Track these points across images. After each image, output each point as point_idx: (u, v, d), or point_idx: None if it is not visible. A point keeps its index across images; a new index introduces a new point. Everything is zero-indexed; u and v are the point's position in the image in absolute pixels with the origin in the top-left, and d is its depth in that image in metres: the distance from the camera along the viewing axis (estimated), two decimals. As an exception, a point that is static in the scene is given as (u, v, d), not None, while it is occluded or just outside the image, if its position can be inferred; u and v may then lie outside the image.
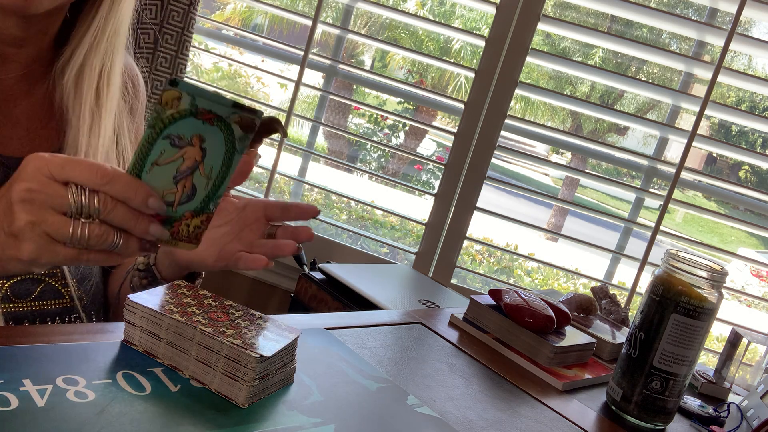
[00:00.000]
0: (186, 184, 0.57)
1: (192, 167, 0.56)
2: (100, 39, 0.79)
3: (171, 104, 0.52)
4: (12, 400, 0.51)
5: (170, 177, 0.56)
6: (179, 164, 0.55)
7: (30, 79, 0.79)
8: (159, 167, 0.55)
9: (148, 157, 0.54)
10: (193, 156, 0.55)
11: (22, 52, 0.78)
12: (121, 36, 0.82)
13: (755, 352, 1.10)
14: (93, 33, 0.78)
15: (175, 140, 0.54)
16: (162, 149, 0.54)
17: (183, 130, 0.54)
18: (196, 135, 0.54)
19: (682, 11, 7.39)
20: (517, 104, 8.62)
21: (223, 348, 0.59)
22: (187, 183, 0.57)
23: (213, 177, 0.57)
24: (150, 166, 0.54)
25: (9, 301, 0.74)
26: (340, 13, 1.91)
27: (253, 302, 1.90)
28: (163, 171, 0.55)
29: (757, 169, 10.59)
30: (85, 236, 0.54)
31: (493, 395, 0.78)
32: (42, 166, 0.53)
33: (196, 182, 0.57)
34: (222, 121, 0.55)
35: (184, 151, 0.55)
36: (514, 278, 5.56)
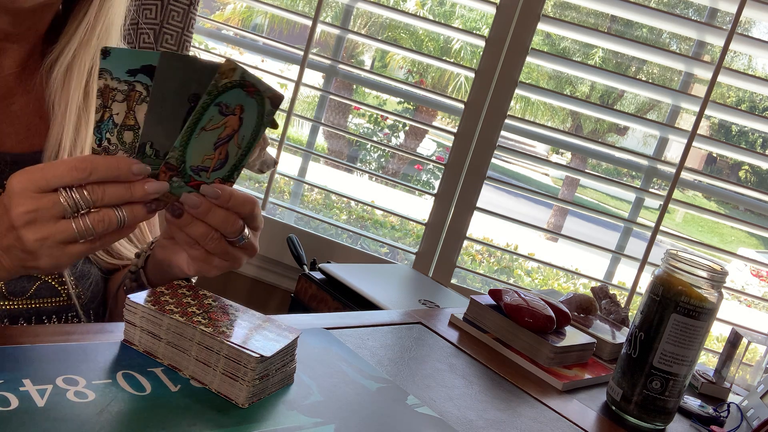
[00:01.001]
0: (222, 152, 0.61)
1: (230, 135, 0.60)
2: (90, 36, 0.78)
3: (227, 74, 0.56)
4: (12, 400, 0.51)
5: (212, 143, 0.60)
6: (221, 132, 0.59)
7: (26, 75, 0.80)
8: (206, 132, 0.59)
9: (199, 122, 0.58)
10: (233, 125, 0.60)
11: (15, 48, 0.78)
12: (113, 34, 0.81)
13: (755, 352, 1.10)
14: (83, 30, 0.78)
15: (223, 108, 0.58)
16: (211, 115, 0.58)
17: (230, 99, 0.58)
18: (238, 105, 0.59)
19: (682, 11, 7.39)
20: (517, 104, 8.62)
21: (223, 348, 0.59)
22: (223, 150, 0.61)
23: (242, 147, 0.62)
24: (199, 130, 0.58)
25: (4, 299, 0.74)
26: (340, 13, 1.91)
27: (253, 302, 1.90)
28: (208, 136, 0.59)
29: (757, 169, 10.59)
30: (90, 227, 0.57)
31: (493, 395, 0.78)
32: (27, 184, 0.56)
33: (230, 150, 0.61)
34: (259, 94, 0.59)
35: (227, 119, 0.59)
36: (514, 278, 5.56)
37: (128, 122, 0.59)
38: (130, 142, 0.59)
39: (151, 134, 0.59)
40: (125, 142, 0.59)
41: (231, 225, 0.64)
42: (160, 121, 0.59)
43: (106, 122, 0.58)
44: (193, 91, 0.58)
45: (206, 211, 0.62)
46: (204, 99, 0.57)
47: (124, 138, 0.59)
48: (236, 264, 0.68)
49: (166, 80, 0.57)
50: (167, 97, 0.58)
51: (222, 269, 0.68)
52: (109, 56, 0.56)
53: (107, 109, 0.58)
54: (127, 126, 0.59)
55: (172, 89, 0.58)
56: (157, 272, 0.75)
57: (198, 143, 0.59)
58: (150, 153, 0.59)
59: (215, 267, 0.67)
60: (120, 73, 0.57)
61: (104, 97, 0.57)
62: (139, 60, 0.57)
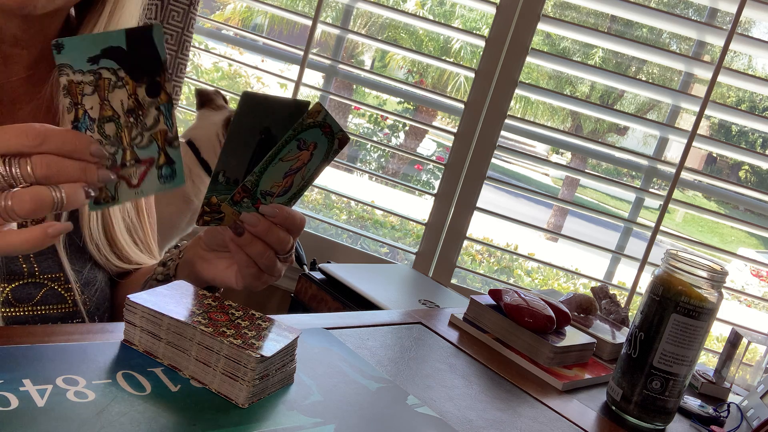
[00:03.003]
0: (288, 181, 0.65)
1: (299, 168, 0.65)
2: None
3: (313, 116, 0.62)
4: (12, 400, 0.51)
5: (283, 172, 0.64)
6: (293, 163, 0.64)
7: (34, 81, 0.79)
8: (282, 163, 0.63)
9: (279, 153, 0.62)
10: (304, 159, 0.64)
11: (24, 54, 0.77)
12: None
13: (755, 352, 1.10)
14: None
15: (302, 144, 0.63)
16: (290, 149, 0.63)
17: (309, 136, 0.63)
18: (313, 142, 0.64)
19: (682, 11, 7.39)
20: (517, 104, 8.62)
21: (223, 348, 0.59)
22: (290, 180, 0.65)
23: (305, 178, 0.67)
24: (278, 161, 0.63)
25: (10, 305, 0.73)
26: (340, 13, 1.91)
27: (253, 302, 1.90)
28: (282, 166, 0.63)
29: (757, 169, 10.59)
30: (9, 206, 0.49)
31: (493, 395, 0.78)
32: None
33: (295, 180, 0.66)
34: (332, 134, 0.64)
35: (301, 153, 0.64)
36: (514, 278, 5.56)
37: (105, 113, 0.55)
38: (114, 134, 0.55)
39: (224, 164, 0.63)
40: (108, 135, 0.55)
41: (285, 243, 0.67)
42: (234, 153, 0.62)
43: (83, 120, 0.54)
44: (265, 125, 0.63)
45: (265, 230, 0.65)
46: (289, 134, 0.61)
47: (106, 131, 0.55)
48: (278, 277, 0.71)
49: (245, 118, 0.61)
50: (242, 133, 0.62)
51: (267, 284, 0.72)
52: (63, 49, 0.51)
53: (79, 106, 0.53)
54: (105, 118, 0.55)
55: (249, 125, 0.62)
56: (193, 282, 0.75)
57: (272, 171, 0.63)
58: (222, 180, 0.63)
59: (263, 282, 0.71)
60: (81, 65, 0.52)
61: (72, 93, 0.53)
62: (98, 45, 0.53)
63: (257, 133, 0.63)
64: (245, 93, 0.59)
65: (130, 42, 0.54)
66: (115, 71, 0.54)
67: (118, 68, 0.54)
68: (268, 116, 0.62)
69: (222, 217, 0.64)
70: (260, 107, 0.61)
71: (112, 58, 0.53)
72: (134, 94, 0.55)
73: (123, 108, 0.55)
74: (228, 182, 0.63)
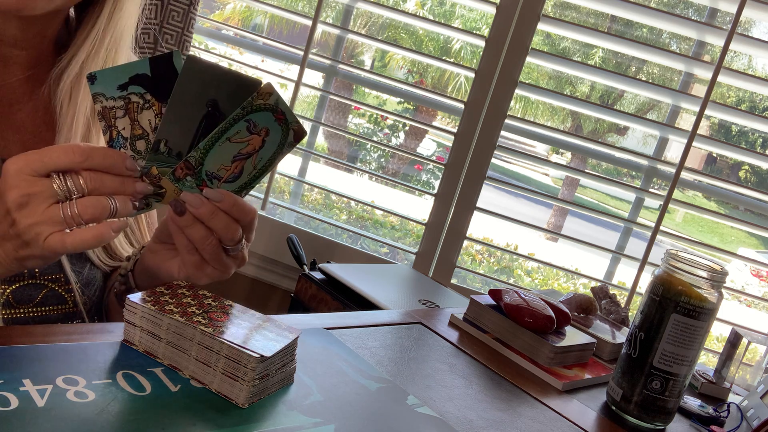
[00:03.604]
0: (238, 166, 0.64)
1: (249, 153, 0.63)
2: (99, 48, 0.78)
3: (263, 96, 0.61)
4: (12, 400, 0.51)
5: (231, 155, 0.63)
6: (242, 147, 0.63)
7: (33, 82, 0.79)
8: (230, 143, 0.62)
9: (226, 132, 0.61)
10: (255, 145, 0.63)
11: (23, 54, 0.77)
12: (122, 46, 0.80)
13: (755, 352, 1.10)
14: (91, 42, 0.77)
15: (251, 126, 0.62)
16: (238, 129, 0.61)
17: (259, 120, 0.62)
18: (265, 128, 0.62)
19: (682, 11, 7.39)
20: (517, 104, 8.62)
21: (223, 348, 0.59)
22: (239, 165, 0.64)
23: (257, 168, 0.65)
24: (224, 139, 0.61)
25: (11, 307, 0.73)
26: (340, 13, 1.91)
27: (253, 302, 1.90)
28: (230, 148, 0.62)
29: (757, 169, 10.59)
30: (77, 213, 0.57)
31: (493, 395, 0.78)
32: (23, 167, 0.56)
33: (245, 168, 0.64)
34: (286, 123, 0.63)
35: (252, 137, 0.62)
36: (514, 278, 5.56)
37: (136, 132, 0.62)
38: (144, 149, 0.62)
39: (166, 133, 0.61)
40: (139, 150, 0.62)
41: (231, 232, 0.65)
42: (176, 120, 0.61)
43: (116, 140, 0.61)
44: (211, 96, 0.61)
45: (209, 213, 0.63)
46: (237, 112, 0.60)
47: (138, 147, 0.62)
48: (226, 273, 0.69)
49: (188, 83, 0.60)
50: (186, 100, 0.60)
51: (212, 278, 0.69)
52: (96, 80, 0.59)
53: (113, 128, 0.61)
54: (136, 136, 0.62)
55: (193, 92, 0.60)
56: (145, 277, 0.75)
57: (219, 151, 0.62)
58: (164, 150, 0.62)
59: (206, 275, 0.68)
60: (112, 92, 0.60)
61: (106, 118, 0.60)
62: (125, 74, 0.60)
63: (203, 105, 0.61)
64: (189, 55, 0.59)
65: (154, 68, 0.60)
66: (142, 95, 0.61)
67: (145, 92, 0.61)
68: (214, 87, 0.61)
69: (162, 193, 0.63)
70: (205, 74, 0.60)
71: (139, 84, 0.60)
72: (160, 113, 0.61)
73: (151, 126, 0.62)
74: (170, 153, 0.62)
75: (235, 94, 0.61)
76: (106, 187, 0.58)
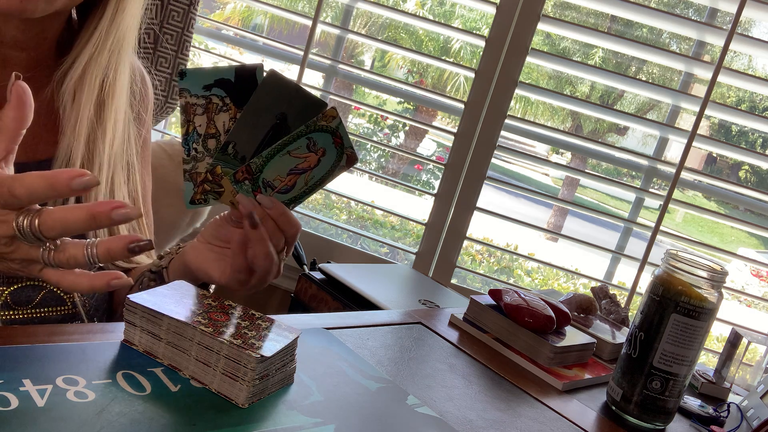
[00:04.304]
0: (292, 180, 0.68)
1: (304, 169, 0.68)
2: (101, 50, 0.77)
3: (327, 119, 0.65)
4: (12, 400, 0.51)
5: (288, 168, 0.67)
6: (299, 162, 0.67)
7: (34, 83, 0.78)
8: (289, 157, 0.66)
9: (288, 145, 0.65)
10: (311, 162, 0.67)
11: (23, 56, 0.77)
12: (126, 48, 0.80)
13: (755, 352, 1.10)
14: (93, 44, 0.77)
15: (311, 144, 0.66)
16: (299, 145, 0.66)
17: (319, 140, 0.66)
18: (322, 148, 0.67)
19: (682, 11, 7.39)
20: (517, 104, 8.62)
21: (223, 348, 0.59)
22: (293, 179, 0.68)
23: (308, 185, 0.69)
24: (285, 152, 0.66)
25: (9, 309, 0.73)
26: (340, 13, 1.91)
27: (253, 302, 1.90)
28: (288, 161, 0.66)
29: (757, 169, 10.59)
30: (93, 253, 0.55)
31: (493, 395, 0.78)
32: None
33: (298, 182, 0.69)
34: (342, 147, 0.67)
35: (309, 155, 0.67)
36: (514, 278, 5.56)
37: (210, 131, 0.66)
38: (214, 148, 0.66)
39: (236, 136, 0.65)
40: (210, 149, 0.66)
41: (275, 239, 0.68)
42: (247, 127, 0.65)
43: (192, 134, 0.65)
44: (282, 110, 0.65)
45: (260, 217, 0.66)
46: (301, 128, 0.65)
47: (208, 145, 0.66)
48: (263, 282, 0.71)
49: (265, 95, 0.65)
50: (260, 109, 0.65)
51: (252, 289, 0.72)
52: (185, 77, 0.64)
53: (191, 123, 0.65)
54: (209, 134, 0.66)
55: (267, 103, 0.65)
56: (181, 274, 0.76)
57: (279, 162, 0.66)
58: (231, 152, 0.66)
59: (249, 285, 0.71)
60: (197, 90, 0.64)
61: (187, 113, 0.64)
62: (212, 76, 0.64)
63: (273, 116, 0.65)
64: (272, 70, 0.63)
65: (238, 76, 0.65)
66: (222, 98, 0.65)
67: (225, 96, 0.65)
68: (287, 102, 0.65)
69: (221, 192, 0.67)
70: (282, 89, 0.65)
71: (222, 88, 0.65)
72: (234, 117, 0.66)
73: (224, 128, 0.66)
74: (236, 156, 0.66)
75: (304, 111, 0.66)
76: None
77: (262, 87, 0.64)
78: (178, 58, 1.66)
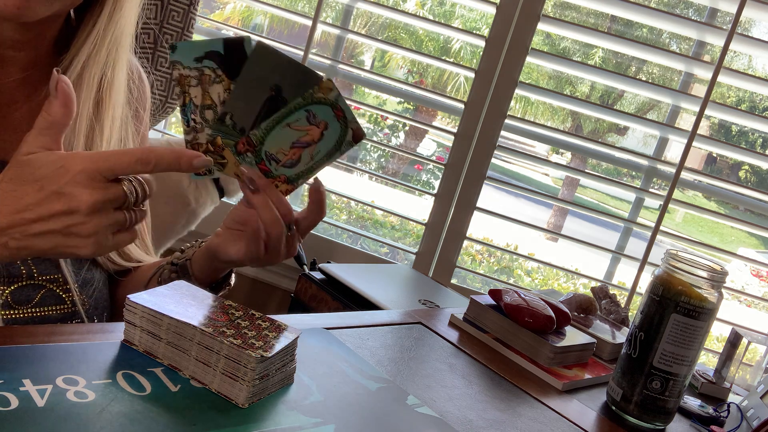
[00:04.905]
0: (296, 153, 0.69)
1: (307, 143, 0.69)
2: (99, 49, 0.77)
3: (324, 91, 0.66)
4: (12, 400, 0.51)
5: (290, 141, 0.69)
6: (301, 135, 0.68)
7: (30, 83, 0.79)
8: (289, 129, 0.68)
9: (287, 117, 0.67)
10: (313, 136, 0.69)
11: (21, 56, 0.77)
12: (123, 46, 0.80)
13: (755, 352, 1.10)
14: (92, 43, 0.77)
15: (310, 116, 0.67)
16: (298, 117, 0.67)
17: (319, 112, 0.67)
18: (323, 121, 0.68)
19: (682, 11, 7.39)
20: (517, 104, 8.61)
21: (223, 348, 0.59)
22: (297, 152, 0.69)
23: (315, 160, 0.70)
24: (285, 124, 0.67)
25: (9, 308, 0.73)
26: (340, 13, 1.91)
27: (253, 302, 1.90)
28: (289, 133, 0.68)
29: (757, 169, 10.58)
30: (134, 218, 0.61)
31: (493, 395, 0.78)
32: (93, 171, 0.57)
33: (303, 156, 0.70)
34: (345, 121, 0.68)
35: (310, 128, 0.68)
36: (514, 278, 5.56)
37: (206, 102, 0.67)
38: (212, 118, 0.67)
39: (232, 107, 0.67)
40: (207, 119, 0.67)
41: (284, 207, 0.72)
42: (242, 98, 0.67)
43: (188, 105, 0.67)
44: (275, 82, 0.66)
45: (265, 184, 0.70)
46: (297, 100, 0.66)
47: (206, 116, 0.67)
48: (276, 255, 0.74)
49: (255, 66, 0.66)
50: (253, 81, 0.66)
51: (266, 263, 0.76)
52: (176, 50, 0.66)
53: (186, 94, 0.67)
54: (206, 105, 0.67)
55: (259, 75, 0.66)
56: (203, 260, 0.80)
57: (279, 135, 0.68)
58: (229, 123, 0.68)
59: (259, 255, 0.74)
60: (189, 62, 0.66)
61: (181, 84, 0.66)
62: (202, 48, 0.66)
63: (267, 88, 0.66)
64: (259, 41, 0.65)
65: (226, 48, 0.66)
66: (214, 70, 0.66)
67: (217, 68, 0.66)
68: (279, 73, 0.66)
69: (224, 163, 0.69)
70: (273, 60, 0.66)
71: (212, 60, 0.66)
72: (229, 89, 0.67)
73: (219, 99, 0.67)
74: (234, 127, 0.68)
75: (298, 84, 0.66)
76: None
77: (252, 59, 0.65)
78: (178, 58, 1.66)
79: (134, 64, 0.89)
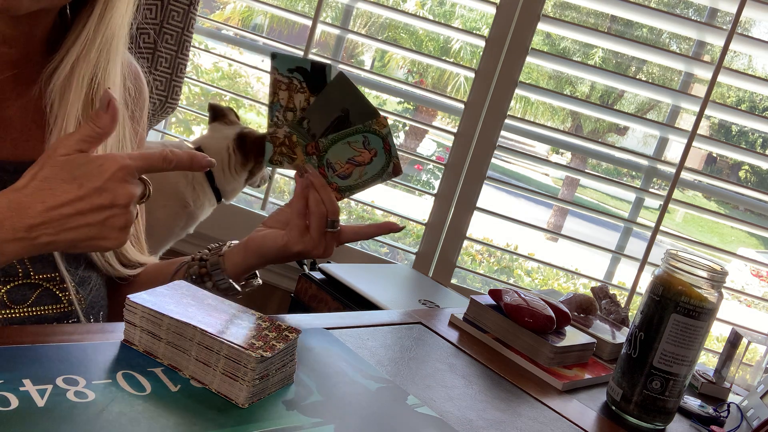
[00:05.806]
0: (349, 168, 0.83)
1: (359, 162, 0.83)
2: (90, 48, 0.76)
3: (379, 125, 0.81)
4: (12, 400, 0.51)
5: (347, 156, 0.82)
6: (356, 155, 0.82)
7: (21, 80, 0.78)
8: (348, 147, 0.82)
9: (348, 136, 0.81)
10: (365, 158, 0.83)
11: (12, 52, 0.76)
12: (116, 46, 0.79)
13: (755, 352, 1.10)
14: (82, 42, 0.76)
15: (366, 141, 0.82)
16: (357, 139, 0.82)
17: (372, 141, 0.82)
18: (375, 149, 0.82)
19: (682, 11, 7.39)
20: (517, 104, 8.61)
21: (223, 348, 0.59)
22: (350, 168, 0.83)
23: (362, 179, 0.83)
24: (346, 141, 0.81)
25: (6, 307, 0.73)
26: (340, 13, 1.91)
27: (253, 302, 1.90)
28: (347, 150, 0.82)
29: (757, 169, 10.58)
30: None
31: (493, 395, 0.78)
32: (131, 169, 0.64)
33: (354, 173, 0.83)
34: (390, 155, 0.83)
35: (364, 151, 0.82)
36: (514, 278, 5.56)
37: (289, 105, 0.80)
38: (291, 120, 0.81)
39: (310, 114, 0.80)
40: (288, 119, 0.81)
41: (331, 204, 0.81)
42: (318, 110, 0.80)
43: (276, 104, 0.80)
44: (346, 106, 0.80)
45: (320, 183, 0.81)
46: (359, 126, 0.81)
47: (287, 117, 0.81)
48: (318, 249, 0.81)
49: (333, 90, 0.79)
50: (329, 100, 0.80)
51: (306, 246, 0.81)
52: (276, 59, 0.79)
53: (276, 95, 0.80)
54: (288, 108, 0.80)
55: (335, 97, 0.80)
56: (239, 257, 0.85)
57: (340, 148, 0.82)
58: (305, 127, 0.81)
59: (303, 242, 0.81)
60: (283, 71, 0.79)
61: (273, 87, 0.80)
62: (295, 62, 0.79)
63: (338, 109, 0.80)
64: (341, 72, 0.79)
65: (312, 68, 0.79)
66: (300, 81, 0.80)
67: (303, 80, 0.80)
68: (350, 102, 0.80)
69: (294, 158, 0.82)
70: (347, 88, 0.79)
71: (301, 74, 0.80)
72: (309, 100, 0.80)
73: (300, 106, 0.81)
74: (308, 132, 0.81)
75: (362, 113, 0.81)
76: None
77: (333, 83, 0.79)
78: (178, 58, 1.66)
79: (132, 65, 0.89)
